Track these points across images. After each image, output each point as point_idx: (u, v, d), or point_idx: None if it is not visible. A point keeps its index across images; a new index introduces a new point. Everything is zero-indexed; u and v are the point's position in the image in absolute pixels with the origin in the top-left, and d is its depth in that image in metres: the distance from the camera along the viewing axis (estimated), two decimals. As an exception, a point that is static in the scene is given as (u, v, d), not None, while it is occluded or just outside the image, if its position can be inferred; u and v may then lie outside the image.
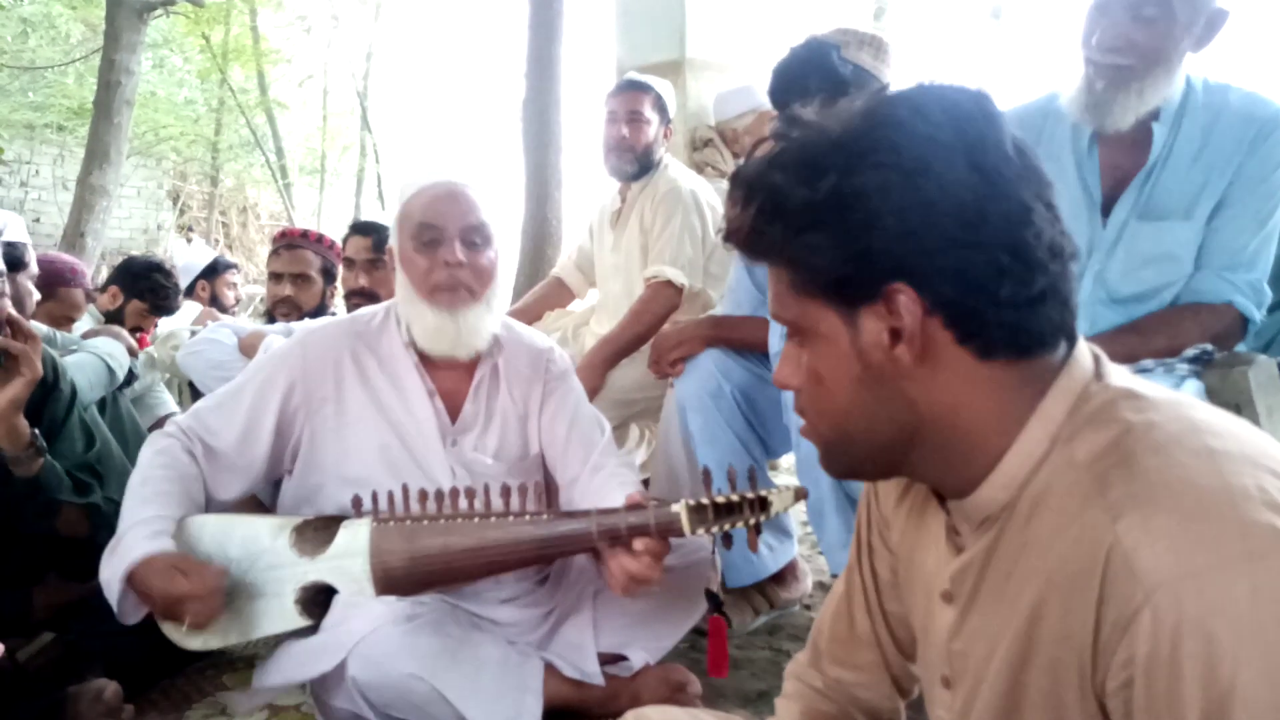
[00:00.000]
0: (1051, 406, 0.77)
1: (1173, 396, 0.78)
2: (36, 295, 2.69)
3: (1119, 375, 0.80)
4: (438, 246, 1.72)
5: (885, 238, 0.75)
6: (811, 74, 1.95)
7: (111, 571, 1.55)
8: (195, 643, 1.60)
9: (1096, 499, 0.72)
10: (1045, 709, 0.77)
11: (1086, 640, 0.71)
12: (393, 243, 1.81)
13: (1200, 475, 0.69)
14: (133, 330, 3.76)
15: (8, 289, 1.94)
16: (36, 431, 1.76)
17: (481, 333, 1.78)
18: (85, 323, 3.28)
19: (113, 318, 3.74)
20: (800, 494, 1.47)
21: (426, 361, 1.81)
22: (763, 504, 1.45)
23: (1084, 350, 0.81)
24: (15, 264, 2.53)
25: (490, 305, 1.78)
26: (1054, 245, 0.76)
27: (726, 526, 1.47)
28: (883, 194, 0.74)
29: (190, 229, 10.81)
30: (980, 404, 0.78)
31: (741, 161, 0.88)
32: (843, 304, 0.79)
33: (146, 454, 1.70)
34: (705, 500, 1.47)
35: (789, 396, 1.98)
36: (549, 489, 1.89)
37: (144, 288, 3.70)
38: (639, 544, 1.50)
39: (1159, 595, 0.65)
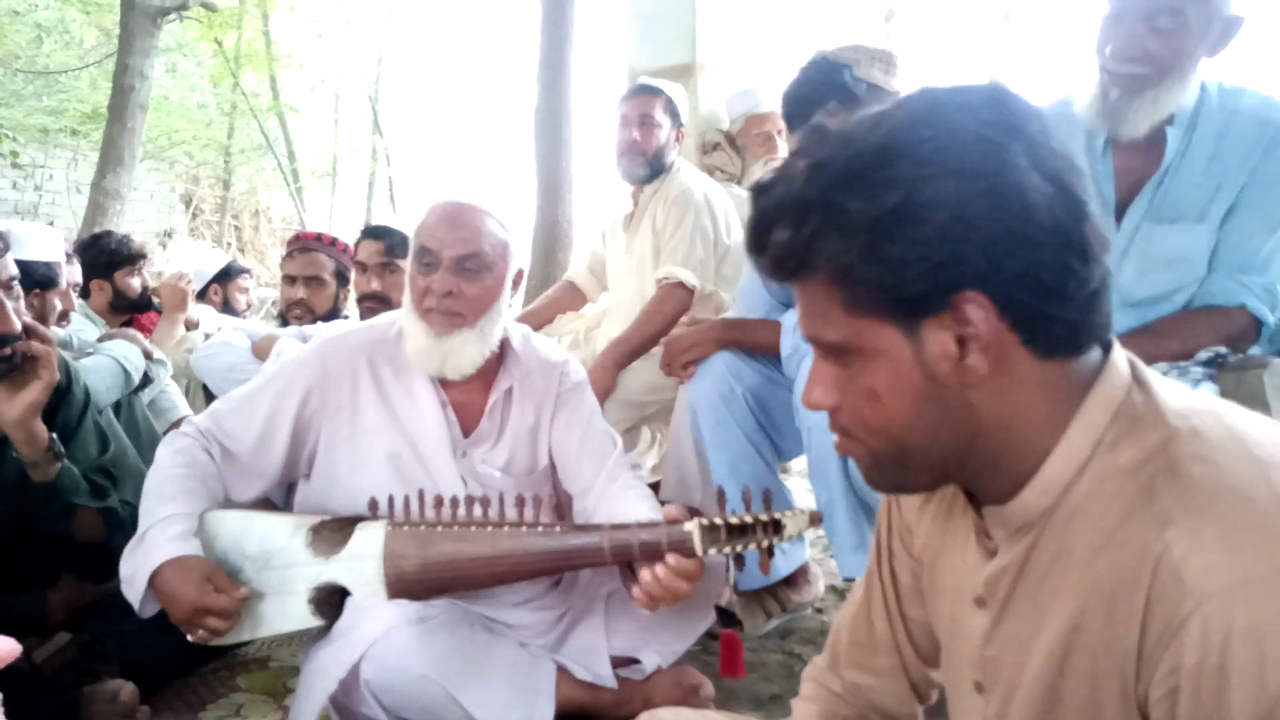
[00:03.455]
0: (1093, 411, 0.76)
1: (1213, 403, 0.77)
2: (59, 308, 2.69)
3: (1157, 381, 0.79)
4: (432, 271, 1.72)
5: (960, 247, 0.71)
6: (826, 96, 1.93)
7: (134, 568, 1.56)
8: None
9: (1143, 507, 0.71)
10: (1083, 716, 0.76)
11: (1130, 648, 0.71)
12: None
13: (1249, 485, 0.68)
14: (142, 293, 3.74)
15: (23, 296, 1.94)
16: (54, 436, 1.78)
17: (469, 358, 1.75)
18: (89, 330, 3.26)
19: (125, 305, 3.72)
20: (815, 518, 1.45)
21: None
22: (776, 527, 1.43)
23: (1120, 355, 0.80)
24: (46, 283, 2.54)
25: (483, 331, 1.75)
26: (1101, 237, 0.75)
27: (739, 548, 1.46)
28: (954, 203, 0.71)
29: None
30: (1035, 407, 0.77)
31: (762, 171, 0.85)
32: (905, 317, 0.75)
33: (164, 453, 1.71)
34: (719, 520, 1.46)
35: (800, 398, 1.99)
36: (560, 501, 1.89)
37: (115, 260, 3.71)
38: (671, 560, 1.49)
39: (1210, 604, 0.65)
